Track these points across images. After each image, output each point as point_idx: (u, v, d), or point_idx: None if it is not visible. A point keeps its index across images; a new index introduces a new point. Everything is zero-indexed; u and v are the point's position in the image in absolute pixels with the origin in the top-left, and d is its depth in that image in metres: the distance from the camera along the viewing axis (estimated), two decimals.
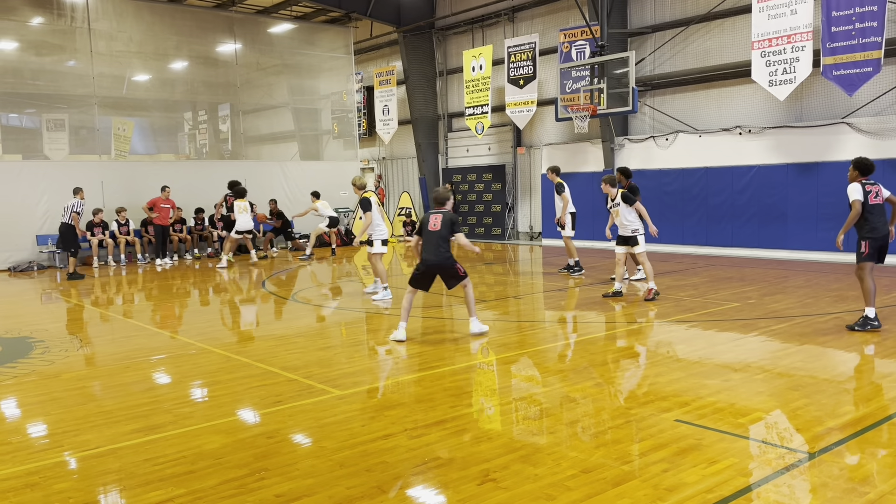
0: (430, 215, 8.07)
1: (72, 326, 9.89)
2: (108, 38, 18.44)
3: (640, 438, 4.81)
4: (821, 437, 4.75)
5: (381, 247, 10.88)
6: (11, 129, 19.18)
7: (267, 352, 7.80)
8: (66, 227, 14.61)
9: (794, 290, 10.80)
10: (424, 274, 8.01)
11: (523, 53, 19.64)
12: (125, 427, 5.27)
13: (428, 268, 7.97)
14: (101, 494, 4.17)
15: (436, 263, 7.93)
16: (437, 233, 7.92)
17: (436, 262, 7.93)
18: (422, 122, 23.08)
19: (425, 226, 8.03)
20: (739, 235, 15.93)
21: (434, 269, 7.98)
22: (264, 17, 22.25)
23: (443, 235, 7.92)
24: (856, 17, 12.97)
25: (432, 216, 8.03)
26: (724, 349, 7.33)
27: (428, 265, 7.95)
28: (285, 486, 4.15)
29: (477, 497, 3.95)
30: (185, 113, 22.99)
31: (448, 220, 7.97)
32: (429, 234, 7.98)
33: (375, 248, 10.84)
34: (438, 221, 7.96)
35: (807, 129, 14.73)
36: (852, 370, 6.55)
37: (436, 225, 7.95)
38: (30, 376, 6.91)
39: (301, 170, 21.47)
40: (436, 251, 7.91)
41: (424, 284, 8.10)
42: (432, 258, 7.93)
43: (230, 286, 13.62)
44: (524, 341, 8.04)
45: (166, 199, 17.45)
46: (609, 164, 18.19)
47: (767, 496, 3.91)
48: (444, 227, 7.94)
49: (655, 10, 17.33)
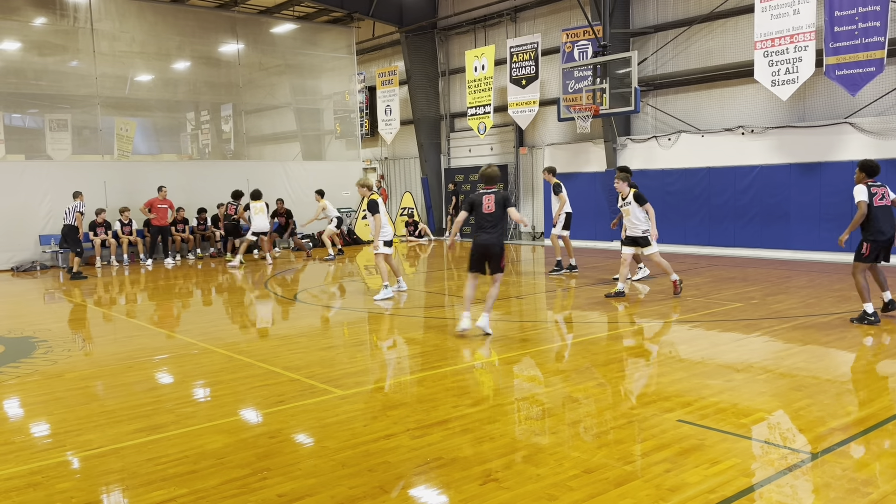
0: (481, 196, 7.83)
1: (74, 326, 9.91)
2: (110, 38, 18.47)
3: (642, 439, 4.81)
4: (823, 437, 4.74)
5: (384, 247, 10.81)
6: (14, 129, 19.22)
7: (269, 352, 7.81)
8: (69, 227, 14.73)
9: (796, 291, 10.79)
10: (479, 256, 7.86)
11: (525, 53, 19.64)
12: (127, 427, 5.28)
13: (481, 248, 7.82)
14: (104, 494, 4.17)
15: (489, 244, 7.79)
16: (493, 214, 7.77)
17: (489, 242, 7.78)
18: (424, 122, 23.08)
19: (477, 206, 7.82)
20: (742, 235, 15.91)
21: (486, 251, 7.82)
22: (266, 17, 22.26)
23: (498, 215, 7.78)
24: (858, 16, 12.95)
25: (484, 196, 7.82)
26: (727, 349, 7.32)
27: (481, 245, 7.81)
28: (287, 486, 4.15)
29: (479, 497, 3.95)
30: (187, 113, 23.03)
31: (501, 198, 7.81)
32: (483, 216, 7.81)
33: (378, 248, 10.80)
34: (492, 202, 7.79)
35: (809, 129, 14.71)
36: (855, 370, 6.54)
37: (489, 206, 7.78)
38: (32, 376, 6.92)
39: (303, 170, 21.48)
40: (490, 232, 7.77)
41: (482, 267, 7.93)
42: (486, 239, 7.79)
43: (233, 286, 13.64)
44: (526, 341, 8.04)
45: (164, 199, 17.42)
46: (611, 164, 18.17)
47: (770, 496, 3.90)
48: (498, 206, 7.79)
49: (658, 10, 17.31)
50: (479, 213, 7.81)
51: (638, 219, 10.38)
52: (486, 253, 7.82)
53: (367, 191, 11.07)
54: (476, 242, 7.84)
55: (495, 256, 7.81)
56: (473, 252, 7.89)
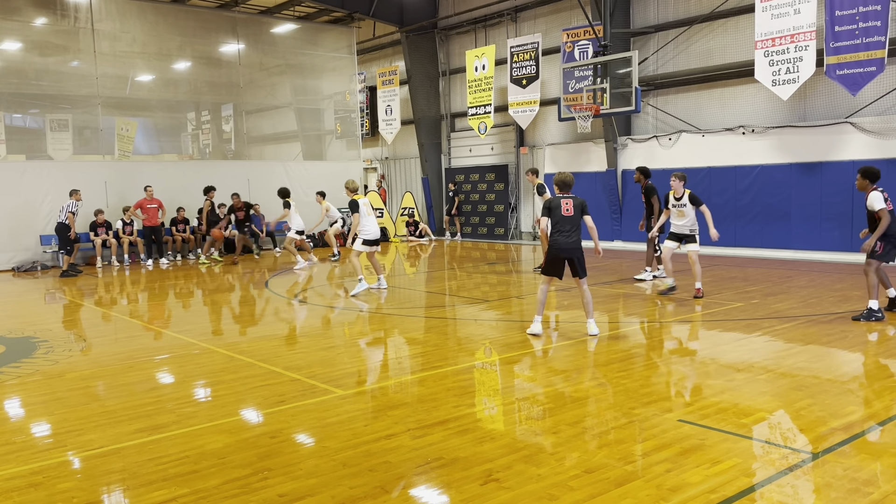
0: (559, 200, 7.90)
1: (75, 326, 9.91)
2: (111, 38, 18.48)
3: (643, 438, 4.81)
4: (824, 437, 4.74)
5: (362, 245, 11.43)
6: (15, 129, 19.23)
7: (270, 352, 7.81)
8: (60, 226, 14.95)
9: (797, 290, 10.78)
10: (557, 260, 7.87)
11: (526, 53, 19.64)
12: (129, 427, 5.28)
13: (562, 253, 7.81)
14: (105, 494, 4.17)
15: (570, 248, 7.81)
16: (572, 217, 7.82)
17: (571, 247, 7.81)
18: (424, 122, 23.09)
19: (556, 210, 7.84)
20: (743, 235, 15.91)
21: (568, 255, 7.83)
22: (267, 17, 22.27)
23: (576, 220, 7.84)
24: (859, 16, 12.94)
25: (563, 201, 7.88)
26: (728, 349, 7.32)
27: (562, 250, 7.80)
28: (288, 486, 4.15)
29: (480, 497, 3.95)
30: (188, 113, 23.04)
31: (579, 204, 7.89)
32: (563, 219, 7.83)
33: (356, 245, 11.47)
34: (570, 206, 7.84)
35: (810, 129, 14.71)
36: (856, 370, 6.54)
37: (569, 210, 7.82)
38: (33, 376, 6.92)
39: (304, 170, 21.49)
40: (570, 236, 7.81)
41: (559, 271, 7.96)
42: (568, 243, 7.80)
43: (233, 286, 13.64)
44: (527, 341, 8.04)
45: (151, 198, 17.29)
46: (612, 164, 18.18)
47: (771, 496, 3.90)
48: (577, 211, 7.86)
49: (658, 10, 17.31)
50: (560, 216, 7.83)
51: (691, 219, 10.48)
52: (570, 256, 7.86)
53: (350, 193, 11.81)
54: (558, 247, 7.82)
55: (580, 258, 7.89)
56: (553, 254, 7.89)
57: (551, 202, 7.92)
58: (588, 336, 7.95)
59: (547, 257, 8.00)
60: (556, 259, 7.87)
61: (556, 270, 7.95)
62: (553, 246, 7.85)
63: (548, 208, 7.94)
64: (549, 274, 8.00)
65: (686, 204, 10.44)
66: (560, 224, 7.82)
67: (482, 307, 10.29)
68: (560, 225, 7.82)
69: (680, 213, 10.53)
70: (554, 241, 7.84)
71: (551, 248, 7.89)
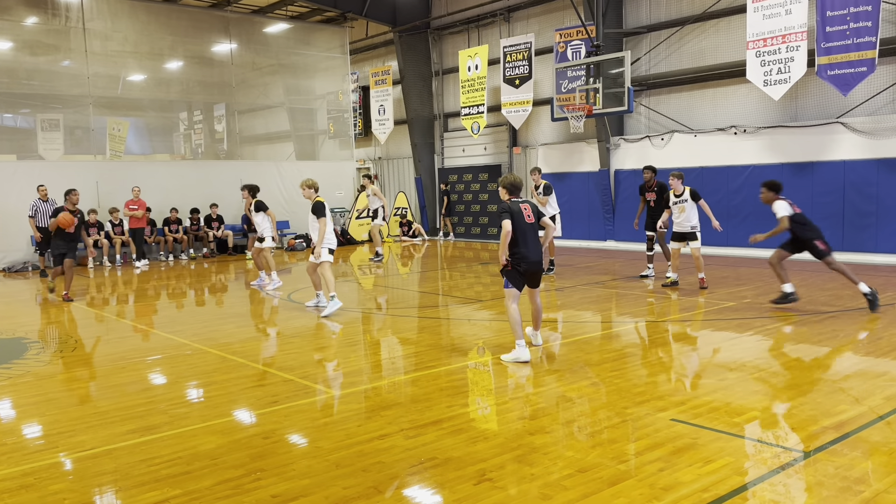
0: (518, 205, 7.01)
1: (67, 327, 9.86)
2: (103, 37, 18.40)
3: (635, 438, 4.82)
4: (816, 435, 4.76)
5: (328, 255, 9.81)
6: (6, 129, 19.14)
7: (263, 352, 7.79)
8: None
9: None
10: (528, 274, 7.00)
11: (519, 53, 19.65)
12: (121, 428, 5.26)
13: (531, 265, 6.96)
14: (97, 495, 4.16)
15: (538, 261, 7.03)
16: (533, 225, 7.05)
17: (538, 259, 7.03)
18: (418, 121, 23.08)
19: (519, 217, 6.93)
20: (735, 235, 15.95)
21: (537, 268, 7.05)
22: (260, 16, 22.21)
23: (536, 228, 7.10)
24: (850, 16, 13.01)
25: (521, 206, 7.02)
26: (720, 348, 7.35)
27: (531, 263, 6.94)
28: (281, 487, 4.14)
29: (473, 497, 3.95)
30: (180, 113, 22.97)
31: (535, 209, 7.17)
32: (526, 227, 6.96)
33: (322, 256, 9.78)
34: (530, 211, 7.05)
35: (801, 129, 14.77)
36: (847, 369, 6.57)
37: (530, 216, 7.02)
38: (25, 377, 6.89)
39: (297, 170, 21.41)
40: (536, 246, 7.02)
41: (522, 285, 7.10)
42: (536, 255, 7.00)
43: (226, 286, 13.60)
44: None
45: (136, 199, 17.04)
46: (605, 164, 18.21)
47: (763, 495, 3.92)
48: (536, 217, 7.13)
49: (651, 10, 17.35)
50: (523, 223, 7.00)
51: (692, 215, 10.86)
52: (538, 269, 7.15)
53: (312, 192, 9.99)
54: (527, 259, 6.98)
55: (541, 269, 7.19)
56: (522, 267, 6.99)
57: (511, 207, 6.97)
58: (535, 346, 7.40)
59: (512, 272, 6.97)
60: (527, 273, 6.99)
61: (520, 283, 7.07)
62: (524, 260, 6.91)
63: (509, 213, 6.93)
64: (519, 288, 7.09)
65: (687, 199, 10.89)
66: (525, 233, 6.94)
67: (475, 307, 10.29)
68: (525, 234, 6.94)
69: (681, 209, 10.97)
70: (522, 256, 6.91)
71: (521, 263, 6.92)
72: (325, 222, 9.64)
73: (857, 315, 8.76)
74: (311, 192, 10.00)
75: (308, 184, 10.04)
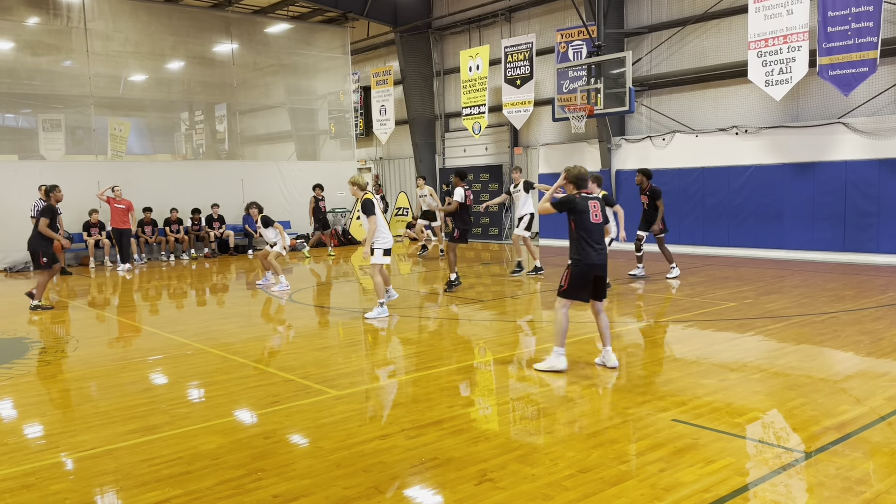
0: (586, 201, 6.32)
1: (68, 327, 9.87)
2: (104, 37, 18.41)
3: (637, 438, 4.81)
4: (817, 436, 4.76)
5: (384, 257, 9.43)
6: (7, 129, 19.16)
7: (264, 352, 7.80)
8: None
9: (790, 290, 10.82)
10: (587, 279, 6.30)
11: (520, 53, 19.65)
12: (122, 428, 5.26)
13: (594, 269, 6.31)
14: (98, 495, 4.16)
15: (602, 264, 6.34)
16: (600, 225, 6.36)
17: (602, 262, 6.34)
18: (419, 122, 23.08)
19: (585, 215, 6.26)
20: (736, 235, 15.95)
21: (600, 272, 6.36)
22: (261, 17, 22.23)
23: (602, 229, 6.39)
24: (851, 17, 12.99)
25: (590, 203, 6.34)
26: (721, 349, 7.34)
27: (594, 266, 6.30)
28: (282, 487, 4.14)
29: (474, 497, 3.95)
30: (181, 113, 22.99)
31: (603, 205, 6.46)
32: (592, 227, 6.29)
33: (375, 258, 9.43)
34: (598, 210, 6.38)
35: (803, 129, 14.76)
36: (848, 369, 6.56)
37: (597, 215, 6.35)
38: (26, 377, 6.89)
39: (298, 170, 21.45)
40: (601, 248, 6.34)
41: (586, 293, 6.40)
42: (601, 258, 6.32)
43: (227, 286, 13.61)
44: (521, 341, 8.05)
45: (119, 198, 16.40)
46: (606, 165, 18.20)
47: (764, 495, 3.92)
48: (603, 216, 6.44)
49: (652, 11, 17.35)
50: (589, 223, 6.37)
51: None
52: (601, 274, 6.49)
53: (359, 190, 9.65)
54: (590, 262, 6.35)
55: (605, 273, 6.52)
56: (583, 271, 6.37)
57: (577, 203, 6.32)
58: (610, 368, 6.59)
59: (573, 275, 6.33)
60: (584, 277, 6.29)
61: (583, 292, 6.36)
62: (584, 261, 6.27)
63: (571, 208, 6.31)
64: (574, 297, 6.38)
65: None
66: (591, 233, 6.30)
67: (476, 307, 10.29)
68: (591, 235, 6.30)
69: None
70: (585, 255, 6.27)
71: (580, 264, 6.30)
72: (374, 220, 9.19)
73: (858, 315, 8.76)
74: (357, 190, 9.68)
75: (355, 181, 9.73)
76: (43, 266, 10.84)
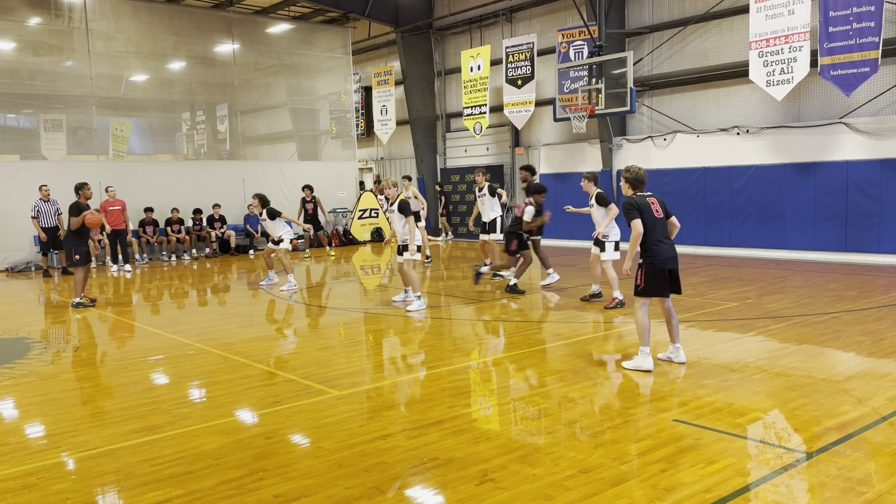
0: (645, 199, 6.44)
1: (69, 327, 9.88)
2: (105, 38, 18.43)
3: (638, 438, 4.81)
4: (819, 436, 4.76)
5: (418, 254, 10.07)
6: (9, 129, 19.18)
7: (265, 352, 7.80)
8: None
9: (792, 290, 10.81)
10: (662, 273, 6.39)
11: (521, 54, 19.65)
12: (123, 428, 5.27)
13: (665, 262, 6.38)
14: (100, 495, 4.16)
15: (673, 256, 6.43)
16: (663, 220, 6.44)
17: (673, 255, 6.43)
18: (420, 122, 23.09)
19: (648, 212, 6.35)
20: (737, 235, 15.95)
21: (673, 265, 6.43)
22: (262, 17, 22.24)
23: (665, 224, 6.47)
24: (853, 17, 12.98)
25: (648, 200, 6.45)
26: (723, 349, 7.34)
27: (666, 260, 6.37)
28: (284, 487, 4.15)
29: (475, 497, 3.95)
30: (182, 113, 22.99)
31: (663, 203, 6.55)
32: (656, 222, 6.36)
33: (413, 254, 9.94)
34: (658, 206, 6.45)
35: (804, 129, 14.76)
36: (850, 370, 6.55)
37: (658, 211, 6.42)
38: (27, 377, 6.90)
39: (299, 170, 21.45)
40: (668, 242, 6.43)
41: (665, 288, 6.46)
42: (672, 252, 6.41)
43: (228, 286, 13.61)
44: (522, 341, 8.04)
45: (113, 199, 16.37)
46: (607, 165, 18.20)
47: (766, 496, 3.91)
48: (665, 212, 6.52)
49: (653, 11, 17.35)
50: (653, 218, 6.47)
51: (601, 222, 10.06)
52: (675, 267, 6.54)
53: (395, 191, 10.12)
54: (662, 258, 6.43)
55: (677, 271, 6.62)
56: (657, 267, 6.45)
57: (638, 202, 6.41)
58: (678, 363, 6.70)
59: (647, 273, 6.38)
60: (660, 272, 6.36)
61: (661, 288, 6.42)
62: (657, 257, 6.35)
63: (636, 209, 6.37)
64: (653, 294, 6.44)
65: (593, 204, 10.14)
66: (658, 229, 6.38)
67: (477, 307, 10.29)
68: (656, 230, 6.37)
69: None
70: (658, 254, 6.35)
71: (653, 261, 6.36)
72: (411, 220, 9.74)
73: (860, 316, 8.75)
74: (394, 192, 10.15)
75: (392, 183, 10.17)
76: (76, 263, 10.84)
